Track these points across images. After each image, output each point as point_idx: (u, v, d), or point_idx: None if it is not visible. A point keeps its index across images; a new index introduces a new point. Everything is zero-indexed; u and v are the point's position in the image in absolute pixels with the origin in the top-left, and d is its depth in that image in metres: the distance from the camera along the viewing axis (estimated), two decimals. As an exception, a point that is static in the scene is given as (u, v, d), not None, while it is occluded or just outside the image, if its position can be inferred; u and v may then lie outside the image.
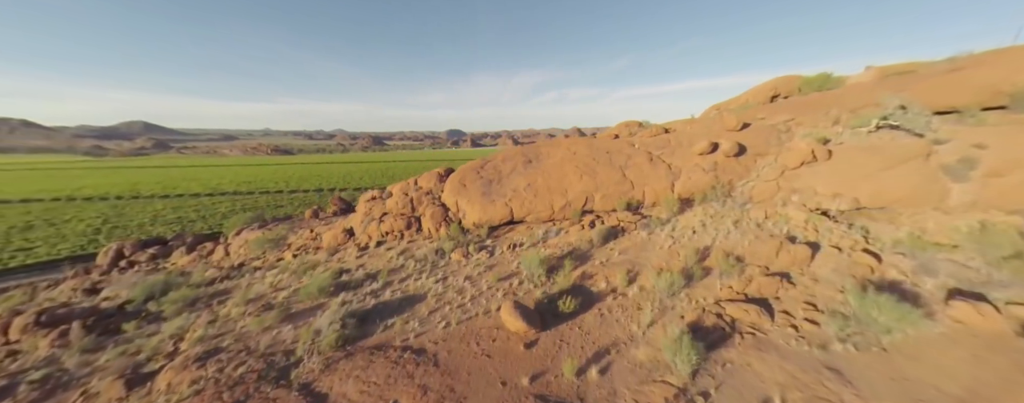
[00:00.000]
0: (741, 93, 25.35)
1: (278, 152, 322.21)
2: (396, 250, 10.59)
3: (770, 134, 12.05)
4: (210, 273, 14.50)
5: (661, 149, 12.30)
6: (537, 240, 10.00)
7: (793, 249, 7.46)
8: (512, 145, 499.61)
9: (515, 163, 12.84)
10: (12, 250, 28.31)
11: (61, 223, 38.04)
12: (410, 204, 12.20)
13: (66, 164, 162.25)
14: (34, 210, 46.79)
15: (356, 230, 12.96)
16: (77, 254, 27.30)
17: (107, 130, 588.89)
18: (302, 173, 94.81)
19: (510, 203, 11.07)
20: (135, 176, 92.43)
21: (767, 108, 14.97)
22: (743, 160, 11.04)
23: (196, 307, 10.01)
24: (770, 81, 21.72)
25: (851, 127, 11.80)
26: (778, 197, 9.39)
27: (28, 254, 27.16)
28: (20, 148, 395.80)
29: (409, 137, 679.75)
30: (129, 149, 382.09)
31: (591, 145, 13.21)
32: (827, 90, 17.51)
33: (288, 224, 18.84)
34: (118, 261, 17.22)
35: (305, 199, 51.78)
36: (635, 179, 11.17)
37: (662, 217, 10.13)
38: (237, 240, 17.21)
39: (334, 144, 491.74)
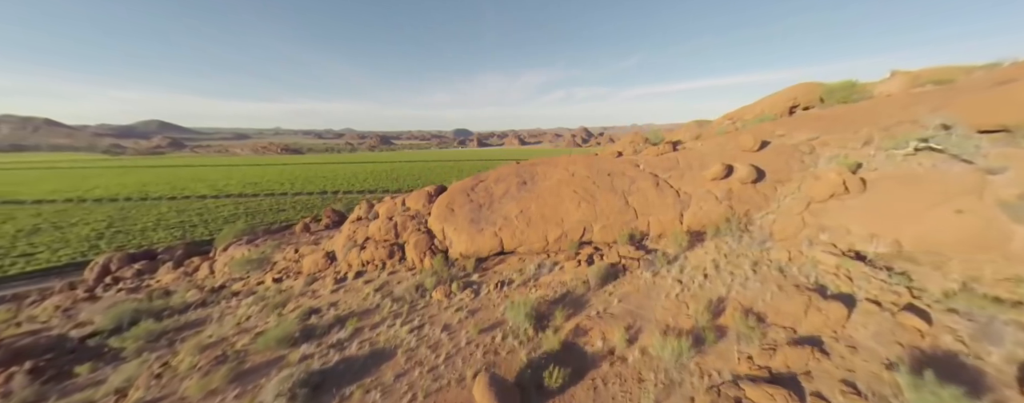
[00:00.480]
0: (756, 101, 23.90)
1: (288, 151, 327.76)
2: (375, 284, 9.71)
3: (792, 156, 10.80)
4: (191, 294, 13.86)
5: (669, 171, 11.15)
6: (528, 277, 9.00)
7: (825, 307, 6.30)
8: (519, 144, 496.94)
9: (508, 185, 11.83)
10: (15, 255, 28.45)
11: (67, 226, 38.39)
12: (394, 230, 11.32)
13: (83, 163, 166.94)
14: (44, 212, 47.53)
15: (338, 254, 12.13)
16: (76, 260, 27.26)
17: (125, 129, 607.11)
18: (308, 174, 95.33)
19: (500, 233, 10.08)
20: (146, 176, 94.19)
21: (786, 123, 13.65)
22: (762, 188, 9.84)
23: (158, 345, 9.28)
24: (788, 90, 20.26)
25: (885, 149, 10.47)
26: (803, 235, 8.21)
27: (29, 260, 27.21)
28: (43, 146, 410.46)
29: (416, 136, 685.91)
30: (145, 148, 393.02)
31: (591, 165, 12.11)
32: (853, 102, 16.07)
33: (277, 239, 18.19)
34: (104, 276, 16.77)
35: (307, 202, 51.61)
36: (639, 207, 10.07)
37: (669, 253, 9.03)
38: (223, 256, 16.60)
39: (342, 143, 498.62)
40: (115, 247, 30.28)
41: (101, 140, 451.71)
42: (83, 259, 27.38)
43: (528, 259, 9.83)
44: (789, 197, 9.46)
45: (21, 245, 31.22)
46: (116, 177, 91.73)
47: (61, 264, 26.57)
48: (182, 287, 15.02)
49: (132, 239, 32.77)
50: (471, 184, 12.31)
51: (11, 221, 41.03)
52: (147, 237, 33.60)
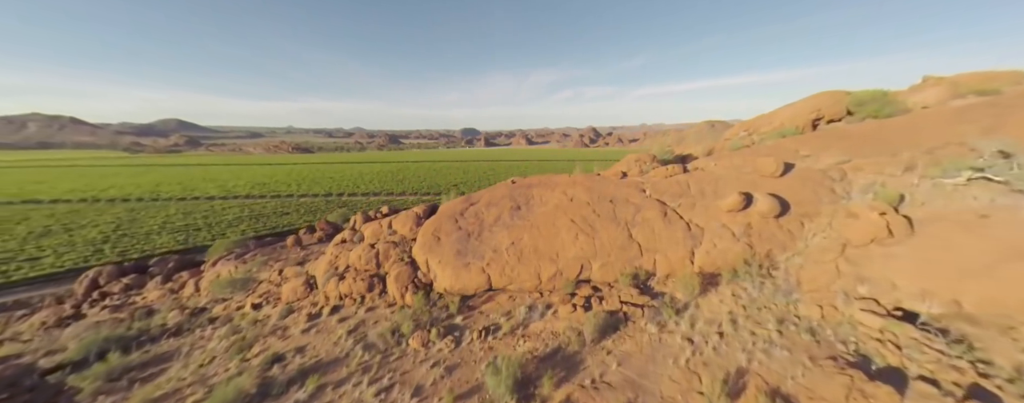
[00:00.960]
0: (775, 110, 22.32)
1: (298, 150, 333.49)
2: (349, 323, 8.85)
3: (820, 184, 9.52)
4: (172, 315, 13.30)
5: (678, 198, 9.98)
6: (517, 323, 8.01)
7: (872, 393, 5.13)
8: (526, 144, 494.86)
9: (501, 210, 10.83)
10: (21, 259, 28.79)
11: (77, 228, 38.97)
12: (375, 259, 10.45)
13: (103, 161, 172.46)
14: (58, 212, 48.56)
15: (318, 281, 11.34)
16: (78, 266, 27.39)
17: (145, 127, 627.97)
18: (315, 174, 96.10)
19: (488, 269, 9.09)
20: (160, 175, 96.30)
21: (811, 140, 12.29)
22: (786, 222, 8.62)
23: (117, 386, 8.61)
24: (810, 99, 18.72)
25: (932, 178, 9.10)
26: (838, 286, 6.99)
27: (34, 265, 27.46)
28: (68, 144, 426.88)
29: (425, 135, 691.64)
30: (164, 146, 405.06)
31: (592, 188, 11.01)
32: (885, 116, 14.54)
33: (267, 254, 17.58)
34: (92, 291, 16.42)
35: (311, 205, 51.59)
36: (644, 241, 8.95)
37: (678, 299, 7.92)
38: (210, 273, 16.06)
39: (352, 142, 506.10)
40: (118, 252, 30.42)
41: (122, 138, 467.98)
42: (85, 265, 27.49)
43: (519, 297, 8.84)
44: (819, 236, 8.23)
45: (29, 248, 31.65)
46: (132, 177, 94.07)
47: (63, 270, 26.70)
48: (166, 306, 14.51)
49: (136, 243, 32.94)
50: (461, 207, 11.35)
51: (25, 222, 41.95)
52: (150, 242, 33.74)
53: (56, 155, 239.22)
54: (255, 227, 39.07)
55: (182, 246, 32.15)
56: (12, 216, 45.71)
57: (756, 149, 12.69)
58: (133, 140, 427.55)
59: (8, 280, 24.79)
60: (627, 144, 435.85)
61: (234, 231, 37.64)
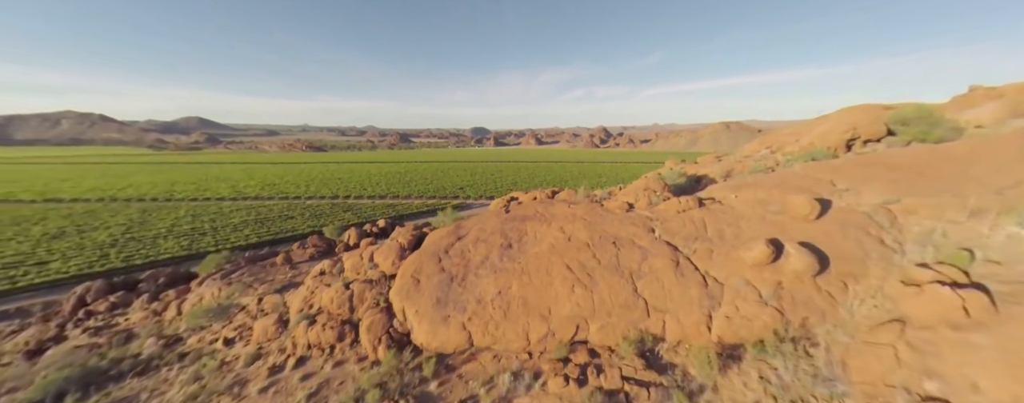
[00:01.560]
0: (802, 124, 20.43)
1: (312, 149, 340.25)
2: (311, 384, 7.86)
3: (865, 231, 7.99)
4: (148, 344, 12.67)
5: (693, 242, 8.60)
6: (499, 397, 6.85)
7: None
8: (535, 144, 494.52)
9: (490, 248, 9.66)
10: (30, 263, 29.29)
11: (89, 230, 39.77)
12: (349, 302, 9.44)
13: (127, 157, 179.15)
14: (76, 212, 49.88)
15: (291, 319, 10.44)
16: (83, 272, 27.64)
17: (168, 125, 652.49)
18: (325, 175, 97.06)
19: (469, 324, 7.95)
20: (177, 174, 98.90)
21: (848, 169, 10.66)
22: (825, 282, 7.17)
23: (61, 446, 7.86)
24: (843, 114, 16.83)
25: (1006, 228, 7.48)
26: (897, 378, 5.56)
27: (41, 270, 27.86)
28: (97, 140, 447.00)
29: (435, 135, 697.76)
30: (185, 143, 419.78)
31: (593, 224, 9.72)
32: (935, 141, 12.68)
33: (254, 273, 16.91)
34: (78, 309, 16.06)
35: (317, 208, 51.66)
36: (652, 298, 7.65)
37: (691, 377, 6.61)
38: (195, 294, 15.46)
39: (364, 141, 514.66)
40: (123, 257, 30.65)
41: (147, 135, 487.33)
42: (89, 271, 27.72)
43: (505, 359, 7.69)
44: (868, 303, 6.75)
45: (41, 251, 32.27)
46: (150, 175, 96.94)
47: (67, 276, 26.95)
48: (145, 331, 13.95)
49: (141, 248, 33.21)
50: (447, 242, 10.23)
51: (43, 222, 43.17)
52: (156, 247, 34.01)
53: (85, 151, 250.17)
54: (258, 232, 39.06)
55: (185, 252, 32.23)
56: (33, 215, 47.17)
57: (783, 177, 11.11)
58: (157, 137, 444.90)
59: (13, 286, 25.08)
60: (638, 145, 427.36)
61: (238, 236, 37.68)
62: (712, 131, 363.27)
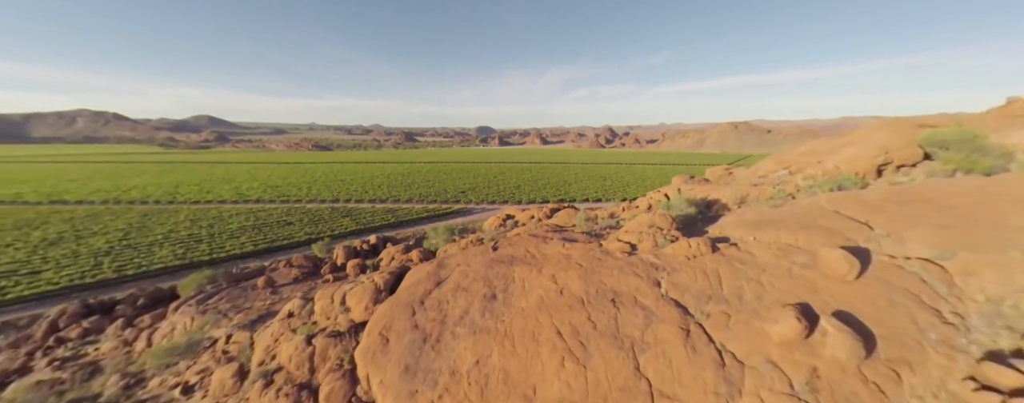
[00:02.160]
0: (822, 143, 18.85)
1: (318, 148, 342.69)
2: (259, 465, 6.82)
3: (916, 298, 6.64)
4: (110, 383, 11.83)
5: (706, 302, 7.33)
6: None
7: None
8: (540, 143, 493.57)
9: (471, 299, 8.50)
10: (23, 273, 28.98)
11: (88, 236, 39.60)
12: (310, 360, 8.39)
13: (136, 157, 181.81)
14: (78, 216, 49.94)
15: (251, 371, 9.42)
16: (74, 283, 27.21)
17: (179, 123, 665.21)
18: (328, 176, 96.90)
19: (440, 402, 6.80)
20: (182, 175, 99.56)
21: (887, 207, 9.24)
22: (872, 370, 5.86)
23: None
24: (874, 135, 15.27)
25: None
26: None
27: (33, 280, 27.47)
28: (111, 138, 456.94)
29: (440, 134, 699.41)
30: (195, 142, 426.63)
31: (590, 273, 8.50)
32: (983, 172, 11.15)
33: (233, 298, 16.01)
34: (50, 335, 15.32)
35: (316, 214, 51.04)
36: (657, 379, 6.41)
37: (703, 485, 5.40)
38: (167, 323, 14.60)
39: (370, 140, 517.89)
40: (116, 267, 30.21)
41: (159, 134, 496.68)
42: (80, 282, 27.29)
43: (481, 440, 6.56)
44: (926, 399, 5.46)
45: (35, 259, 32.02)
46: (156, 175, 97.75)
47: (57, 287, 26.51)
48: (111, 365, 13.13)
49: (135, 257, 32.77)
50: (424, 289, 9.09)
51: (43, 227, 43.22)
52: (150, 255, 33.57)
53: (97, 150, 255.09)
54: (255, 240, 38.47)
55: (178, 261, 31.69)
56: (35, 219, 47.33)
57: (809, 213, 9.72)
58: (168, 135, 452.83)
59: (2, 298, 24.68)
60: (644, 145, 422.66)
61: (234, 244, 37.13)
62: (720, 131, 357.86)
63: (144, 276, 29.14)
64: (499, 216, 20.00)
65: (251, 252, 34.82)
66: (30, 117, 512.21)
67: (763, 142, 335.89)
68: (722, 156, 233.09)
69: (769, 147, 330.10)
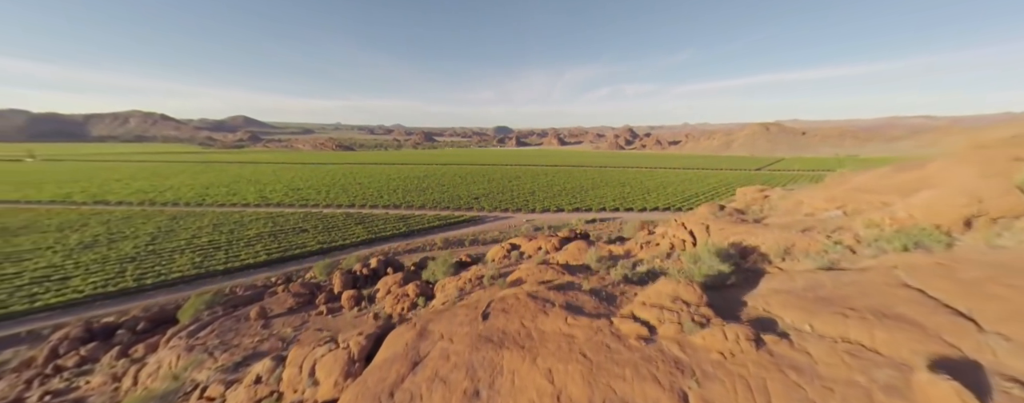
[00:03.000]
0: (882, 175, 16.02)
1: (341, 148, 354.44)
2: None
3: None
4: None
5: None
6: None
7: None
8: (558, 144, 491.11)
9: (450, 395, 7.06)
10: (54, 279, 30.40)
11: (120, 240, 41.63)
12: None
13: (177, 155, 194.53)
14: (115, 218, 52.96)
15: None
16: (98, 292, 28.23)
17: (218, 123, 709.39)
18: (347, 178, 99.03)
19: None
20: (214, 175, 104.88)
21: (996, 291, 6.97)
22: None
23: None
24: (956, 169, 12.50)
25: None
26: None
27: (61, 288, 28.72)
28: (158, 137, 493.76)
29: (458, 133, 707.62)
30: (231, 141, 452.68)
31: (595, 369, 6.83)
32: None
33: (224, 331, 15.47)
34: (51, 361, 15.34)
35: (331, 220, 51.55)
36: None
37: None
38: (157, 358, 14.17)
39: (391, 139, 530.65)
40: (136, 275, 31.23)
41: (199, 133, 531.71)
42: (103, 291, 28.28)
43: None
44: None
45: (68, 264, 33.75)
46: (191, 176, 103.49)
47: (82, 296, 27.53)
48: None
49: (157, 265, 33.84)
50: (397, 374, 7.74)
51: (82, 229, 46.03)
52: (171, 262, 34.62)
53: (145, 148, 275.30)
54: (268, 248, 39.03)
55: (195, 271, 32.41)
56: (77, 221, 50.59)
57: (883, 293, 7.54)
58: (207, 135, 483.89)
59: (31, 306, 25.82)
60: (666, 147, 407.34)
61: (248, 252, 37.80)
62: (749, 133, 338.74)
63: (162, 286, 29.90)
64: (504, 247, 18.53)
65: (263, 262, 35.23)
66: (90, 117, 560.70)
67: (797, 144, 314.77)
68: (751, 160, 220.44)
69: (804, 150, 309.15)
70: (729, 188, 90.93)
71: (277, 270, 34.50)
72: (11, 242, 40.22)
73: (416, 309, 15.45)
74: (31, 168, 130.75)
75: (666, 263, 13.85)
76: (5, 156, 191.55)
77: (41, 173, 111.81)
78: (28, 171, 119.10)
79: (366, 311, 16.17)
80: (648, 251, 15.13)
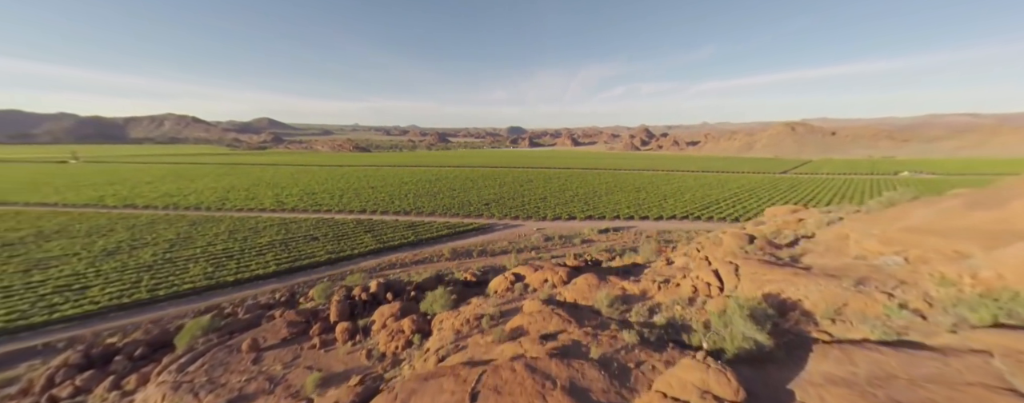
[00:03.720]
0: (955, 211, 13.74)
1: (358, 149, 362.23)
2: None
3: None
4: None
5: None
6: None
7: None
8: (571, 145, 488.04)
9: None
10: (75, 288, 31.35)
11: (141, 246, 42.93)
12: None
13: (205, 157, 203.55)
14: (140, 223, 54.95)
15: None
16: (113, 303, 28.80)
17: (244, 125, 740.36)
18: (361, 182, 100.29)
19: None
20: (236, 178, 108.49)
21: None
22: None
23: None
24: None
25: None
26: None
27: (80, 298, 29.43)
28: (190, 139, 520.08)
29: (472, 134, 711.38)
30: (255, 142, 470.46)
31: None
32: None
33: (214, 364, 14.90)
34: (47, 390, 15.21)
35: (342, 228, 51.64)
36: None
37: None
38: (143, 396, 13.71)
39: (406, 140, 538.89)
40: (150, 286, 31.81)
41: (227, 135, 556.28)
42: (118, 302, 28.85)
43: None
44: None
45: (90, 272, 34.87)
46: (214, 179, 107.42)
47: (97, 308, 28.13)
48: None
49: (170, 275, 34.45)
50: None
51: (109, 234, 47.92)
52: (185, 272, 35.23)
53: (177, 150, 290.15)
54: (278, 259, 39.24)
55: (206, 282, 32.75)
56: (105, 225, 52.84)
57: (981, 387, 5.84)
58: (234, 137, 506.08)
59: (50, 317, 26.53)
60: (684, 147, 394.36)
61: (259, 262, 38.09)
62: (773, 134, 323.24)
63: (173, 297, 30.30)
64: (508, 278, 17.25)
65: (272, 273, 35.34)
66: (129, 120, 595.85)
67: (826, 145, 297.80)
68: (776, 162, 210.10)
69: (834, 151, 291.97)
70: (752, 194, 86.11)
71: (285, 281, 34.52)
72: (43, 247, 42.20)
73: (411, 347, 14.40)
74: (72, 171, 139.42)
75: (688, 312, 12.17)
76: (53, 158, 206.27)
77: (81, 175, 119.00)
78: (69, 174, 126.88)
79: (360, 346, 15.26)
80: (667, 293, 13.47)
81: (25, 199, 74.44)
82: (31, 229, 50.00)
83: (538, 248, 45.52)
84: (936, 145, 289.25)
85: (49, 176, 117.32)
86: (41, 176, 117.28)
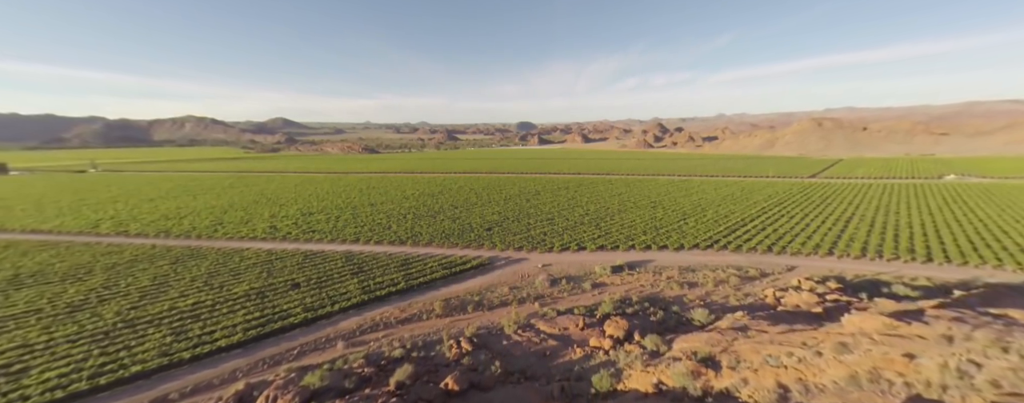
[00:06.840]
0: None
1: (367, 150, 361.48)
2: None
3: None
4: None
5: None
6: None
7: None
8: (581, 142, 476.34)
9: None
10: (14, 371, 27.96)
11: (109, 298, 39.59)
12: None
13: (215, 164, 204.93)
14: (123, 261, 51.72)
15: None
16: (45, 399, 25.14)
17: (260, 125, 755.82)
18: (362, 198, 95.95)
19: None
20: (238, 193, 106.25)
21: None
22: None
23: None
24: None
25: None
26: None
27: (10, 390, 25.93)
28: (209, 141, 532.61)
29: (481, 130, 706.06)
30: (269, 144, 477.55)
31: None
32: None
33: None
34: None
35: (328, 267, 46.81)
36: None
37: None
38: None
39: (415, 139, 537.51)
40: (96, 366, 28.00)
41: (243, 136, 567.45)
42: (50, 399, 25.11)
43: None
44: None
45: (40, 343, 31.44)
46: (216, 195, 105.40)
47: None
48: None
49: (122, 349, 30.57)
50: None
51: (85, 278, 45.03)
52: (142, 340, 31.47)
53: (194, 155, 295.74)
54: (248, 319, 35.00)
55: (158, 361, 28.69)
56: (86, 265, 50.13)
57: None
58: (250, 138, 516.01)
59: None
60: (700, 143, 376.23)
61: (226, 324, 33.96)
62: (797, 130, 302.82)
63: (117, 384, 26.39)
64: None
65: (238, 343, 31.09)
66: (153, 123, 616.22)
67: (856, 143, 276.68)
68: (802, 162, 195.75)
69: (865, 148, 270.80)
70: (783, 210, 77.38)
71: (251, 353, 30.25)
72: (11, 298, 39.47)
73: None
74: (87, 183, 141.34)
75: None
76: (75, 166, 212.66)
77: (91, 190, 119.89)
78: (82, 187, 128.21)
79: None
80: None
81: (23, 224, 73.78)
82: (9, 271, 47.76)
83: (543, 297, 39.94)
84: (981, 140, 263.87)
85: (61, 190, 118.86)
86: (53, 190, 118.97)
